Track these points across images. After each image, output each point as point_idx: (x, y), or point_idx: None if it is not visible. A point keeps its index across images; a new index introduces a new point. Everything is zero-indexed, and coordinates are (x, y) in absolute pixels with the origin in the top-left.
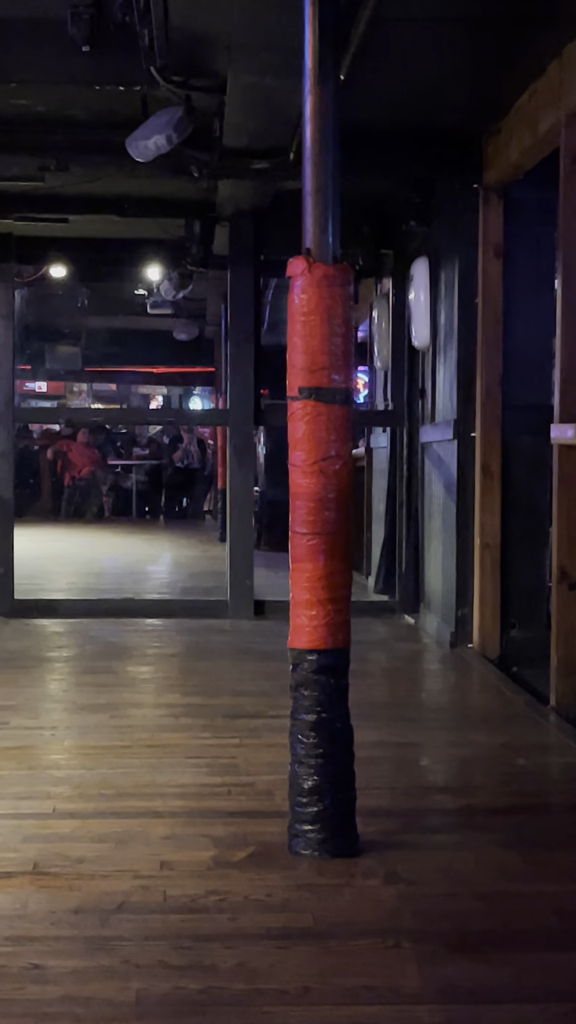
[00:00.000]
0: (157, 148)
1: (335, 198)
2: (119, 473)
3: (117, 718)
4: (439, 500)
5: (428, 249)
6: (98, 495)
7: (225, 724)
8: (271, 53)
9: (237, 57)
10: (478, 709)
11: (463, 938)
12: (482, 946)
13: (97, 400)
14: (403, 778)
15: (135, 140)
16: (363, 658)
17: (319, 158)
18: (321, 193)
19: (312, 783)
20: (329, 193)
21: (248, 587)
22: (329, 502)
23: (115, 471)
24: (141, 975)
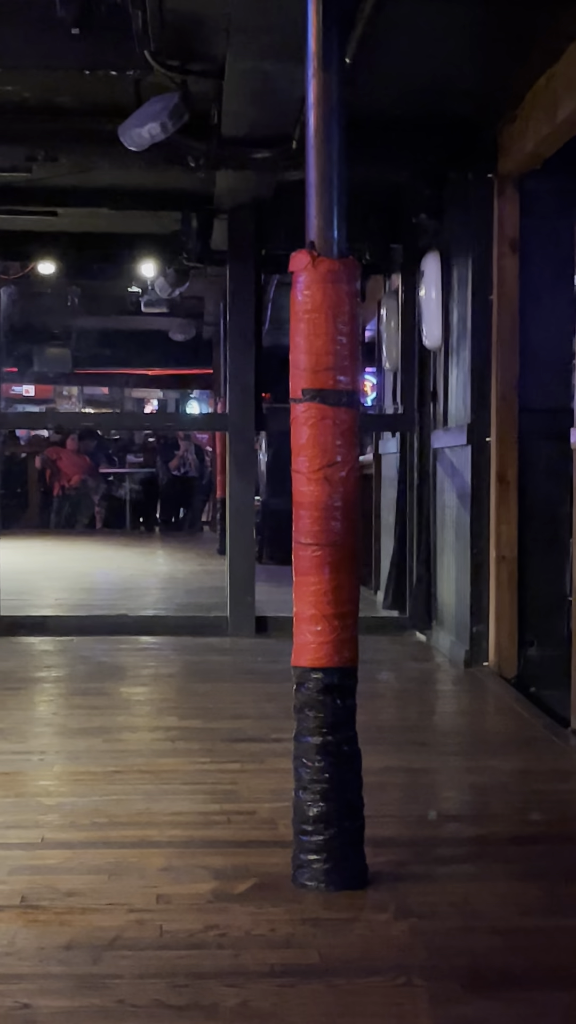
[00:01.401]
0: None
1: (341, 189)
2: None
3: (110, 742)
4: (452, 509)
5: (440, 243)
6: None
7: (225, 748)
8: (272, 35)
9: (236, 40)
10: (494, 733)
11: (479, 976)
12: (499, 985)
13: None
14: (415, 806)
15: (128, 128)
16: (371, 678)
17: (323, 147)
18: (326, 184)
19: (318, 811)
20: (334, 184)
21: (249, 603)
22: (335, 511)
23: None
24: (136, 1016)
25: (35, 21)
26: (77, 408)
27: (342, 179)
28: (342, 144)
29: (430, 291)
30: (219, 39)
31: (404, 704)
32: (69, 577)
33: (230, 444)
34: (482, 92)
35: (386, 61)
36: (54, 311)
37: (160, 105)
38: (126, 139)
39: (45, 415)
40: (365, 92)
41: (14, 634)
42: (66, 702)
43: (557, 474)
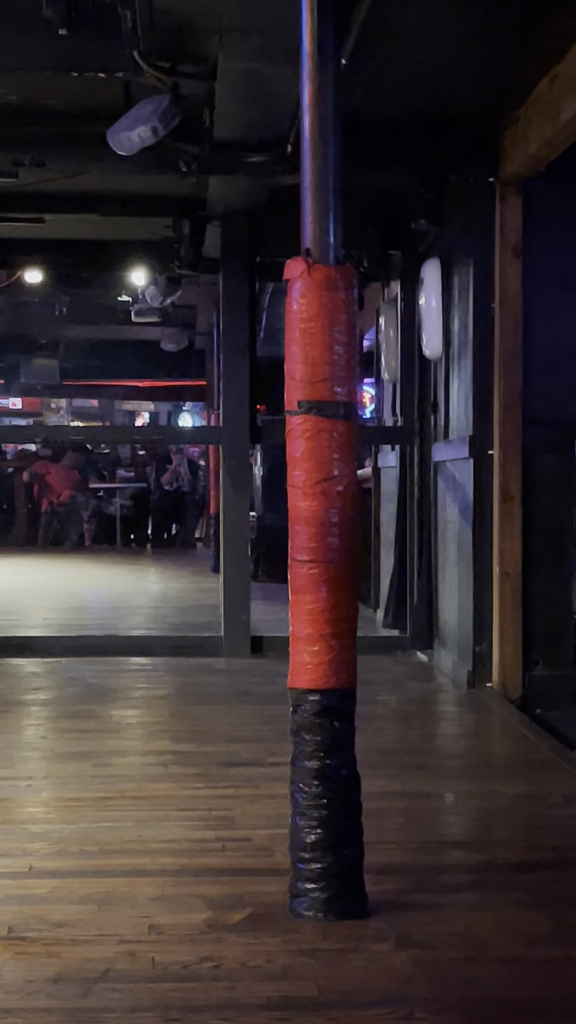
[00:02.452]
0: (141, 140)
1: (337, 194)
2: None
3: (100, 767)
4: (454, 525)
5: (440, 249)
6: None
7: (219, 773)
8: (266, 35)
9: (229, 40)
10: (498, 755)
11: (483, 1009)
12: (504, 1018)
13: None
14: (416, 832)
15: (117, 132)
16: (371, 699)
17: (319, 150)
18: (322, 189)
19: (315, 837)
20: (330, 188)
21: (244, 622)
22: (332, 527)
23: (97, 495)
24: None
25: (20, 21)
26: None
27: (338, 183)
28: (338, 147)
29: (430, 299)
30: (211, 39)
31: (405, 726)
32: (57, 596)
33: (224, 458)
34: (484, 94)
35: (384, 62)
36: (41, 321)
37: (150, 108)
38: (115, 143)
39: (33, 428)
40: (362, 94)
41: (0, 655)
42: (54, 726)
43: (563, 488)
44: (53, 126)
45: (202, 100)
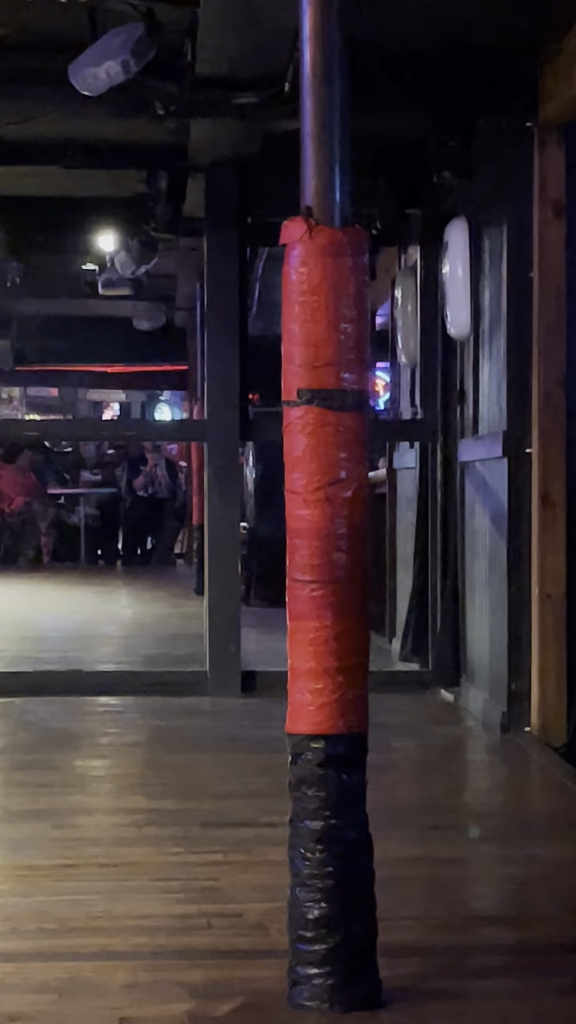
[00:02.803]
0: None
1: (344, 141)
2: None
3: (61, 828)
4: (485, 537)
5: (467, 208)
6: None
7: (204, 835)
8: None
9: None
10: (538, 813)
11: None
12: None
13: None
14: (440, 905)
15: (82, 68)
16: (385, 746)
17: (323, 90)
18: (325, 135)
19: (319, 913)
20: (336, 135)
21: (234, 654)
22: (339, 540)
23: (57, 503)
24: None
25: None
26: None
27: (345, 129)
28: (345, 85)
29: (456, 267)
30: None
31: (426, 779)
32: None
33: (209, 457)
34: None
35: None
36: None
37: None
38: (79, 81)
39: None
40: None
41: None
42: (6, 778)
43: None
44: (4, 60)
45: (183, 29)
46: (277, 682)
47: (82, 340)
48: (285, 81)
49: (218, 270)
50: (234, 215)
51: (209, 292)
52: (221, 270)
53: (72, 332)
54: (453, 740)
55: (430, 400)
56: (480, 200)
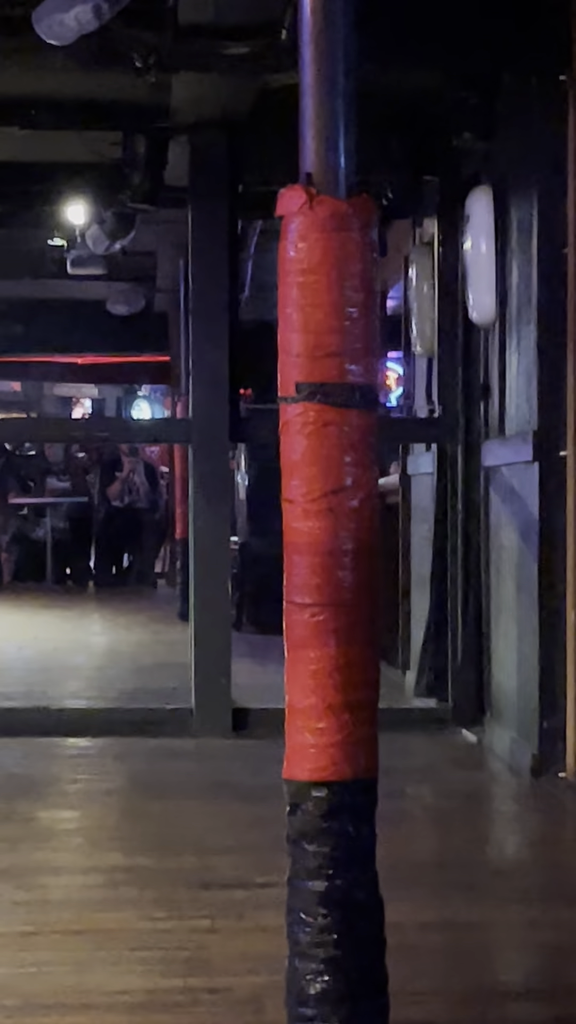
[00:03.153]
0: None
1: (350, 99)
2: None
3: (24, 890)
4: (512, 553)
5: (491, 175)
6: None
7: (190, 898)
8: None
9: None
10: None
11: None
12: None
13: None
14: (461, 976)
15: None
16: (399, 793)
17: (325, 38)
18: (328, 91)
19: (322, 986)
20: (340, 91)
21: (223, 688)
22: (343, 557)
23: (19, 513)
24: None
25: None
26: None
27: (351, 84)
28: (351, 33)
29: (479, 242)
30: None
31: (445, 831)
32: None
33: (194, 462)
34: None
35: None
36: None
37: None
38: (44, 29)
39: None
40: None
41: None
42: None
43: None
44: None
45: None
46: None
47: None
48: (282, 28)
49: (204, 247)
50: (222, 183)
51: (194, 272)
52: (207, 247)
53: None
54: (476, 786)
55: (449, 396)
56: (506, 166)
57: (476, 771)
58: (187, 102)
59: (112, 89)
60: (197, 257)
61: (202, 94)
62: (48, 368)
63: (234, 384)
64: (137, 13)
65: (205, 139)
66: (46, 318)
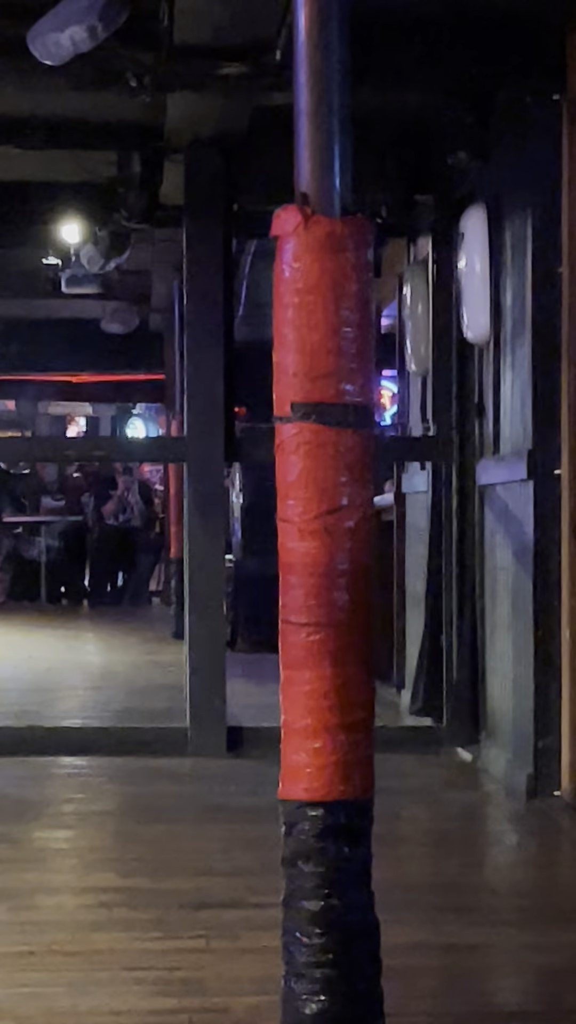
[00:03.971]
0: (75, 45)
1: (345, 118)
2: (19, 535)
3: (18, 911)
4: (508, 572)
5: (486, 193)
6: None
7: (184, 918)
8: None
9: None
10: (572, 893)
11: None
12: None
13: None
14: (457, 1000)
15: (42, 34)
16: (394, 814)
17: (319, 59)
18: (323, 110)
19: (317, 1007)
20: (335, 110)
21: (218, 708)
22: (339, 577)
23: (14, 532)
24: None
25: None
26: None
27: (346, 104)
28: (345, 54)
29: (473, 261)
30: None
31: (441, 853)
32: None
33: (189, 481)
34: None
35: None
36: None
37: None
38: (39, 49)
39: None
40: None
41: None
42: None
43: None
44: None
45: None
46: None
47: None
48: (276, 49)
49: (199, 266)
50: (217, 202)
51: (189, 291)
52: (202, 266)
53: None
54: (471, 807)
55: (444, 414)
56: (501, 185)
57: (471, 791)
58: (182, 121)
59: (107, 108)
60: (192, 276)
61: (197, 113)
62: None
63: (229, 403)
64: (132, 33)
65: (200, 158)
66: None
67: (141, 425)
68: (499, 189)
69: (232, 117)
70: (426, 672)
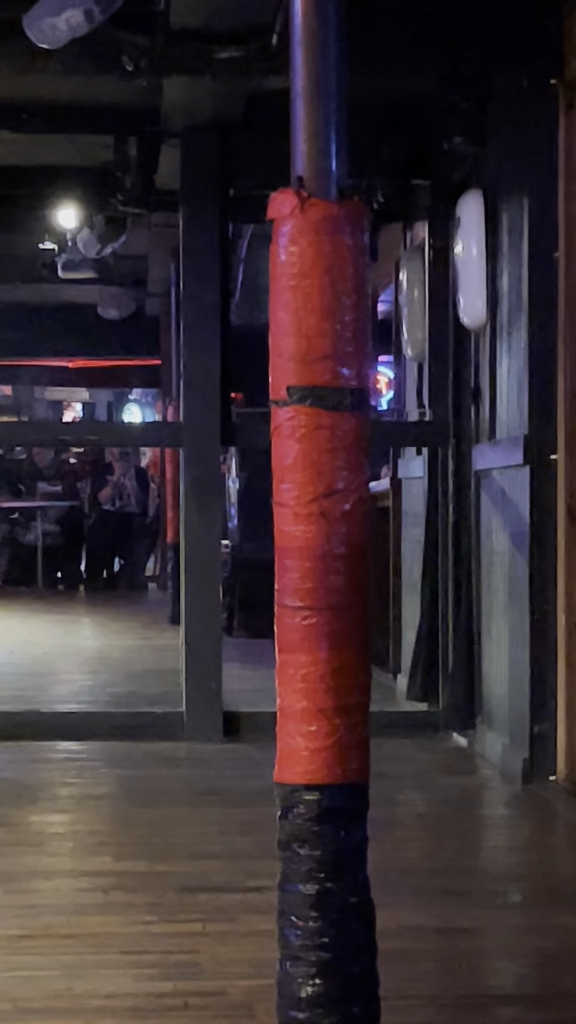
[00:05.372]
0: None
1: (341, 102)
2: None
3: (15, 894)
4: (504, 558)
5: (482, 178)
6: None
7: (180, 901)
8: None
9: None
10: (566, 877)
11: None
12: None
13: None
14: (453, 982)
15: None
16: (390, 799)
17: (316, 43)
18: (320, 95)
19: (313, 990)
20: (332, 95)
21: (214, 692)
22: (335, 561)
23: (10, 517)
24: None
25: None
26: None
27: (342, 88)
28: (343, 37)
29: (470, 246)
30: None
31: (437, 836)
32: None
33: (185, 466)
34: None
35: None
36: None
37: None
38: (35, 32)
39: None
40: None
41: None
42: None
43: None
44: None
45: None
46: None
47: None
48: (272, 33)
49: (195, 250)
50: (214, 187)
51: (185, 276)
52: (199, 250)
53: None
54: (467, 791)
55: (440, 399)
56: (497, 170)
57: (467, 776)
58: (178, 105)
59: (103, 92)
60: (188, 261)
61: (193, 98)
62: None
63: (225, 388)
64: (128, 16)
65: (196, 142)
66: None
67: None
68: (496, 174)
69: (228, 101)
70: (422, 657)
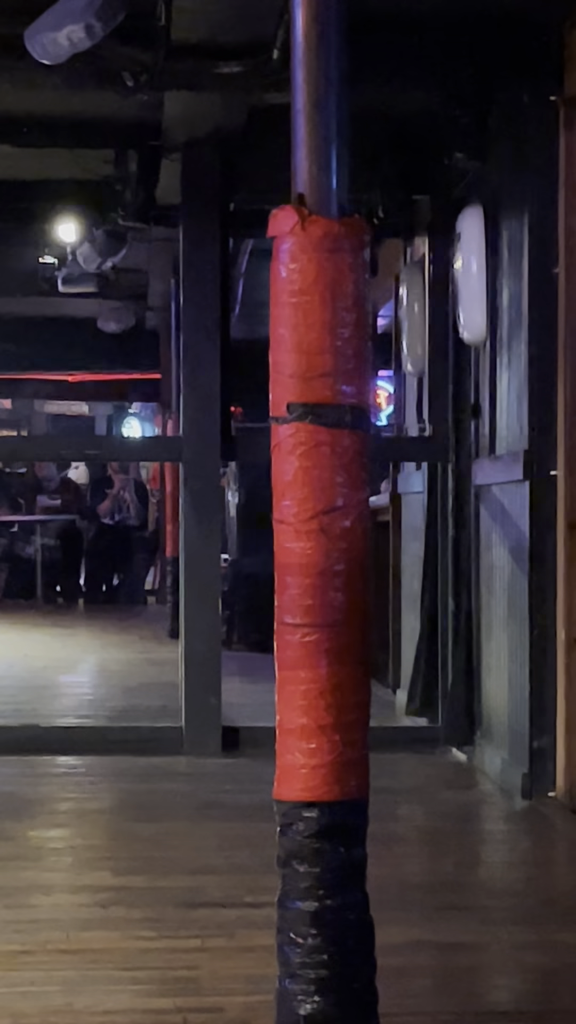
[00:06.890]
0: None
1: (342, 118)
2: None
3: (14, 909)
4: (504, 573)
5: (483, 194)
6: None
7: (179, 917)
8: None
9: None
10: (565, 893)
11: None
12: None
13: None
14: (452, 999)
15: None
16: (390, 814)
17: (317, 59)
18: (320, 111)
19: (313, 1007)
20: (332, 110)
21: (214, 707)
22: (335, 577)
23: (9, 531)
24: None
25: None
26: None
27: (343, 104)
28: (343, 53)
29: (470, 261)
30: None
31: (436, 852)
32: None
33: (185, 480)
34: None
35: None
36: None
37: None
38: (36, 47)
39: None
40: None
41: None
42: None
43: None
44: None
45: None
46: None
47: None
48: (274, 48)
49: (196, 265)
50: (214, 202)
51: (185, 290)
52: (199, 265)
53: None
54: (467, 807)
55: (440, 415)
56: (497, 185)
57: (466, 791)
58: (179, 120)
59: (104, 107)
60: (188, 275)
61: (194, 112)
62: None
63: (225, 402)
64: (129, 31)
65: (197, 157)
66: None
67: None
68: (496, 190)
69: (229, 116)
70: (422, 672)
